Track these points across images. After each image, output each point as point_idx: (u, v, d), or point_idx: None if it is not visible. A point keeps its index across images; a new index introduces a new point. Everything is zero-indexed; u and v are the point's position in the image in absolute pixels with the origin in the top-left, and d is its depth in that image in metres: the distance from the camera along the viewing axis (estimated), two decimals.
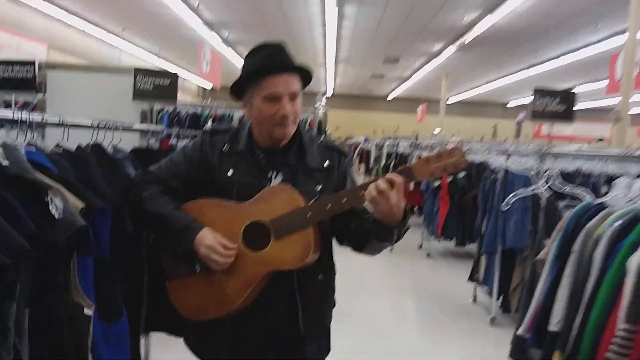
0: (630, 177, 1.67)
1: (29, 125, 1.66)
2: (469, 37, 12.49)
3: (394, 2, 10.65)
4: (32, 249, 1.01)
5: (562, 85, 19.17)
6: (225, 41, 14.80)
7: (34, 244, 1.03)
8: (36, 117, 1.74)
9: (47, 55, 11.98)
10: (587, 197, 1.80)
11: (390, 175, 1.50)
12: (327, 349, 1.80)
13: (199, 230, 1.58)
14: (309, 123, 6.91)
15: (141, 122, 3.85)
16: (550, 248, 1.77)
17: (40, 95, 3.83)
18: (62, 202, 1.19)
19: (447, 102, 22.21)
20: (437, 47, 14.56)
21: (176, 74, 3.76)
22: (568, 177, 3.81)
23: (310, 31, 13.58)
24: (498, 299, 4.40)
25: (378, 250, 1.67)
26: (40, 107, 3.89)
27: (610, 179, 3.27)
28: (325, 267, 1.73)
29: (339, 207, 1.55)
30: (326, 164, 1.73)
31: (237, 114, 7.19)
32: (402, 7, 10.95)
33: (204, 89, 23.11)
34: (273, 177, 1.68)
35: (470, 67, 17.03)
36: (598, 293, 1.44)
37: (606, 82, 8.82)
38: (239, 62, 17.49)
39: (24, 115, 1.66)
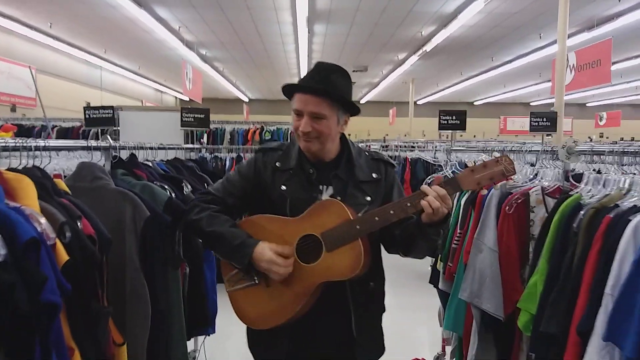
0: None
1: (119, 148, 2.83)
2: (428, 47, 13.12)
3: (358, 21, 11.38)
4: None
5: (518, 85, 20.39)
6: (204, 58, 15.29)
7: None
8: (131, 144, 2.90)
9: (35, 78, 12.76)
10: None
11: (436, 187, 1.54)
12: (380, 350, 1.84)
13: (254, 246, 1.61)
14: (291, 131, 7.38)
15: (185, 143, 4.92)
16: None
17: (115, 128, 4.83)
18: (189, 187, 2.38)
19: (418, 103, 22.95)
20: (401, 56, 15.16)
21: (208, 109, 4.81)
22: None
23: (283, 47, 14.07)
24: None
25: (424, 250, 1.71)
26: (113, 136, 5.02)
27: None
28: (376, 275, 1.77)
29: (387, 219, 1.57)
30: (374, 175, 1.74)
31: (229, 127, 7.93)
32: (366, 24, 11.70)
33: (182, 100, 23.59)
34: (324, 190, 1.70)
35: (433, 72, 17.72)
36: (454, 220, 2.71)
37: None
38: (217, 77, 18.30)
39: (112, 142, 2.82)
